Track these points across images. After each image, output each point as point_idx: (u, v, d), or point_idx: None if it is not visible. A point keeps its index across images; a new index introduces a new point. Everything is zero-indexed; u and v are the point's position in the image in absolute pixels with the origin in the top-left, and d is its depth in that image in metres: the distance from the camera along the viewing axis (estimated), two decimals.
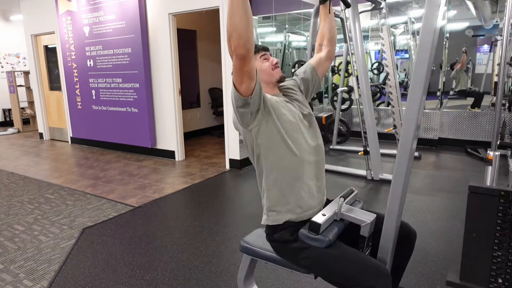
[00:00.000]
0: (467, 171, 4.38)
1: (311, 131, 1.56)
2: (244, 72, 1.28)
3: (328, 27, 1.71)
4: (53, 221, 3.23)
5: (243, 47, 1.22)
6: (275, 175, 1.45)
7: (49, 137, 7.21)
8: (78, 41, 5.78)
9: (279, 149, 1.44)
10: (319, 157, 1.54)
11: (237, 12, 1.19)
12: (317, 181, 1.52)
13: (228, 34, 1.23)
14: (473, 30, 5.71)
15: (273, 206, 1.47)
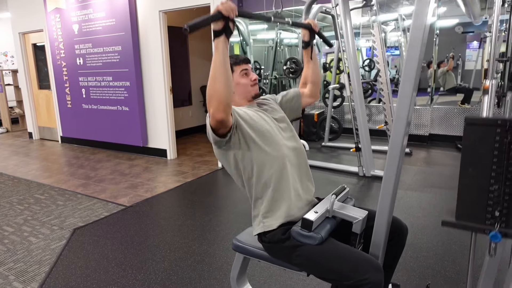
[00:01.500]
0: (458, 166, 4.41)
1: (288, 134, 1.58)
2: (221, 127, 1.33)
3: (311, 70, 1.78)
4: (43, 221, 3.19)
5: (223, 112, 1.25)
6: (261, 185, 1.46)
7: (39, 137, 7.11)
8: (67, 39, 5.70)
9: (258, 157, 1.45)
10: (301, 159, 1.55)
11: (219, 79, 1.23)
12: (302, 183, 1.53)
13: (208, 98, 1.26)
14: (462, 27, 5.77)
15: (265, 213, 1.47)
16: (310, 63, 1.77)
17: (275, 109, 1.65)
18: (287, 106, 1.74)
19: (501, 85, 4.94)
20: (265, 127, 1.49)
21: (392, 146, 1.30)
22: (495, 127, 1.12)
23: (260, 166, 1.45)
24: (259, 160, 1.45)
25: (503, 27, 4.82)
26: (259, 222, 1.49)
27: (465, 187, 1.24)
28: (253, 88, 1.59)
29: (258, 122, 1.49)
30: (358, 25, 6.58)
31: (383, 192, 1.36)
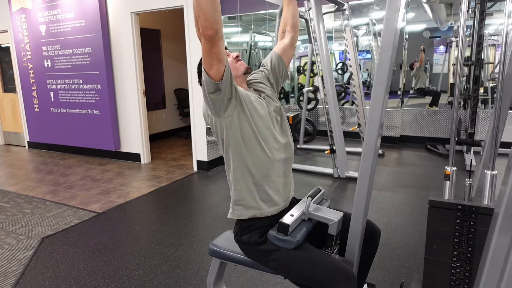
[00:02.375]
0: (428, 166, 4.57)
1: (282, 127, 1.55)
2: (213, 55, 1.25)
3: (291, 13, 1.70)
4: (8, 231, 3.04)
5: (210, 28, 1.19)
6: (243, 169, 1.44)
7: (4, 142, 6.80)
8: (34, 40, 5.49)
9: (249, 144, 1.42)
10: (288, 154, 1.53)
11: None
12: (285, 178, 1.52)
13: (195, 15, 1.20)
14: (430, 32, 5.98)
15: (239, 200, 1.46)
16: (290, 4, 1.69)
17: (271, 97, 1.60)
18: (275, 75, 1.68)
19: (466, 88, 5.15)
20: (264, 116, 1.47)
21: (366, 148, 1.33)
22: (456, 211, 1.22)
23: (248, 153, 1.42)
24: (249, 147, 1.42)
25: (467, 32, 5.03)
26: (231, 207, 1.48)
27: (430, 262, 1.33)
28: (240, 64, 1.54)
29: (259, 107, 1.47)
30: (331, 29, 6.69)
31: (358, 193, 1.38)
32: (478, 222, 1.22)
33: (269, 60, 1.69)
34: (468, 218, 1.23)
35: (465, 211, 1.23)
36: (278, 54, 1.69)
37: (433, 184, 3.88)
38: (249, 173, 1.43)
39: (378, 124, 1.29)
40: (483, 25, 4.23)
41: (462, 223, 1.23)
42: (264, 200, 1.45)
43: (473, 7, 4.65)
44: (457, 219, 1.24)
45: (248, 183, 1.44)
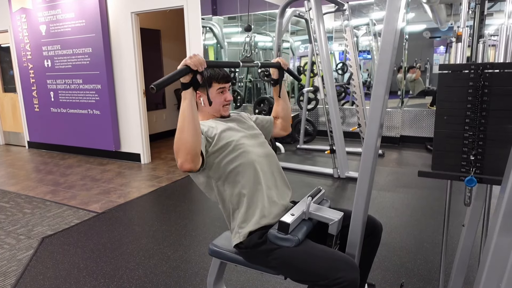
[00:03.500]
0: (428, 167, 4.56)
1: (258, 141, 1.59)
2: (192, 170, 1.32)
3: (280, 107, 1.81)
4: (8, 231, 3.04)
5: (191, 162, 1.25)
6: (236, 194, 1.46)
7: (4, 142, 6.80)
8: (34, 40, 5.49)
9: (231, 167, 1.45)
10: (272, 165, 1.56)
11: (187, 128, 1.23)
12: (277, 190, 1.53)
13: (176, 149, 1.25)
14: (430, 32, 5.98)
15: (241, 223, 1.47)
16: (279, 100, 1.79)
17: (247, 123, 1.66)
18: (260, 127, 1.75)
19: None
20: (232, 136, 1.49)
21: (366, 148, 1.32)
22: (468, 72, 1.13)
23: (232, 177, 1.46)
24: (233, 171, 1.45)
25: (467, 32, 5.02)
26: (235, 233, 1.48)
27: (440, 136, 1.23)
28: (224, 109, 1.59)
29: (225, 132, 1.49)
30: (331, 29, 6.70)
31: (358, 193, 1.38)
32: (493, 81, 1.11)
33: (262, 117, 1.81)
34: (482, 78, 1.11)
35: (479, 70, 1.12)
36: (272, 120, 1.82)
37: (433, 184, 3.88)
38: (241, 195, 1.46)
39: (378, 124, 1.29)
40: (483, 25, 4.23)
41: (475, 85, 1.13)
42: (263, 215, 1.46)
43: (473, 7, 4.65)
44: (470, 82, 1.13)
45: (244, 205, 1.46)
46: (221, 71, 1.56)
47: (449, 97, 1.17)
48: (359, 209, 1.39)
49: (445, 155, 1.24)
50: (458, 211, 2.81)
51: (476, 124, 1.15)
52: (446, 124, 1.19)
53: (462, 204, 1.46)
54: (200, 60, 1.23)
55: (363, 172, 1.35)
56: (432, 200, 3.41)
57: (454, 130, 1.19)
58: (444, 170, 1.23)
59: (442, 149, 1.25)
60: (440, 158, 1.25)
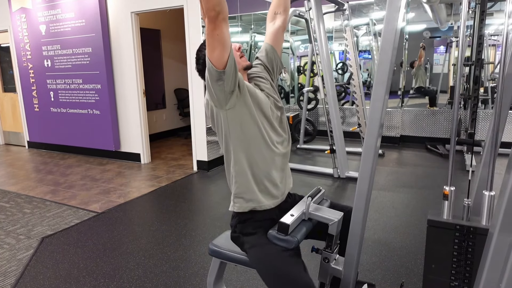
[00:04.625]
0: (428, 166, 4.57)
1: (282, 123, 1.56)
2: (215, 37, 1.24)
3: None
4: (8, 231, 3.04)
5: (212, 10, 1.19)
6: (245, 163, 1.44)
7: (4, 142, 6.80)
8: (34, 40, 5.49)
9: (251, 138, 1.42)
10: (287, 149, 1.56)
11: None
12: (282, 172, 1.53)
13: None
14: (430, 32, 5.98)
15: (240, 193, 1.47)
16: None
17: (273, 93, 1.58)
18: (272, 68, 1.67)
19: (466, 88, 5.15)
20: (267, 110, 1.46)
21: (366, 148, 1.32)
22: (454, 231, 1.23)
23: (248, 146, 1.42)
24: (250, 140, 1.42)
25: (467, 32, 5.03)
26: (232, 199, 1.50)
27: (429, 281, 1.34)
28: (242, 60, 1.50)
29: (263, 101, 1.46)
30: (331, 29, 6.69)
31: (358, 193, 1.38)
32: (476, 242, 1.24)
33: (265, 54, 1.67)
34: (466, 238, 1.25)
35: (463, 231, 1.25)
36: (271, 45, 1.67)
37: (433, 184, 3.88)
38: (250, 167, 1.44)
39: (378, 124, 1.29)
40: (483, 25, 4.23)
41: (460, 243, 1.25)
42: (264, 193, 1.46)
43: (473, 7, 4.64)
44: (455, 239, 1.26)
45: (248, 176, 1.45)
46: None
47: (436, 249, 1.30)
48: (359, 209, 1.39)
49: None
50: None
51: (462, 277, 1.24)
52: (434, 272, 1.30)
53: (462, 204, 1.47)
54: None
55: (363, 172, 1.35)
56: (432, 200, 3.41)
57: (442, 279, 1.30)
58: None
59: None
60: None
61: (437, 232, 1.30)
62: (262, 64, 1.66)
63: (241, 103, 1.39)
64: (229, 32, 1.29)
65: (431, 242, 1.32)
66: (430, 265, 1.32)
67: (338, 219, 1.39)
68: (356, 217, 1.40)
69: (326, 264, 1.47)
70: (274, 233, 1.37)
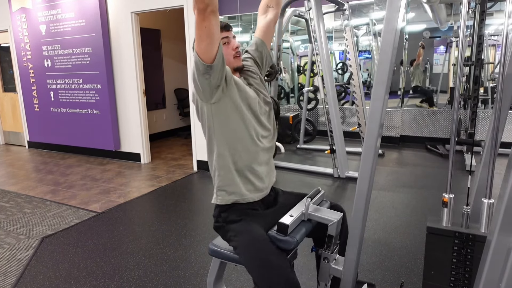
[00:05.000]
0: (428, 166, 4.57)
1: (269, 118, 1.56)
2: (203, 29, 1.23)
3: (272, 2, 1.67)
4: (8, 231, 3.04)
5: (201, 1, 1.18)
6: (227, 156, 1.44)
7: (4, 142, 6.80)
8: (34, 40, 5.49)
9: (236, 130, 1.42)
10: (272, 143, 1.56)
11: None
12: (266, 166, 1.53)
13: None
14: (430, 32, 5.98)
15: (223, 186, 1.47)
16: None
17: (262, 88, 1.58)
18: (261, 63, 1.67)
19: (466, 88, 5.15)
20: (254, 105, 1.46)
21: (366, 148, 1.32)
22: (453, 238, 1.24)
23: (233, 139, 1.42)
24: (235, 134, 1.42)
25: (467, 32, 5.03)
26: (214, 192, 1.50)
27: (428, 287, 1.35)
28: (236, 60, 1.48)
29: (251, 96, 1.46)
30: (331, 29, 6.69)
31: (358, 193, 1.38)
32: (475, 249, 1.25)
33: (255, 48, 1.66)
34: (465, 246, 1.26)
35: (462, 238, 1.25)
36: (261, 40, 1.66)
37: (433, 184, 3.88)
38: (233, 160, 1.44)
39: (378, 124, 1.29)
40: (483, 25, 4.23)
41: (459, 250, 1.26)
42: (247, 187, 1.47)
43: (473, 7, 4.64)
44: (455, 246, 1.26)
45: (231, 169, 1.45)
46: None
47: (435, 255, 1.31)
48: (359, 209, 1.39)
49: None
50: None
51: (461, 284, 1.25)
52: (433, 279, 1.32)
53: (462, 204, 1.47)
54: None
55: (363, 172, 1.35)
56: (432, 200, 3.41)
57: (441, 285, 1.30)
58: None
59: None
60: None
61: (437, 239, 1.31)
62: (252, 58, 1.65)
63: (227, 98, 1.38)
64: (219, 27, 1.27)
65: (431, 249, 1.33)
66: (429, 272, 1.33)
67: (337, 220, 1.39)
68: (356, 217, 1.40)
69: (326, 264, 1.47)
70: (273, 234, 1.37)
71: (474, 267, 1.24)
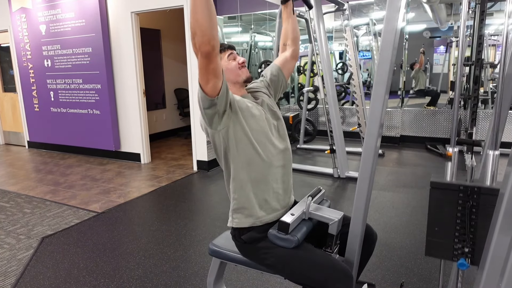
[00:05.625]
0: (428, 166, 4.57)
1: (279, 133, 1.54)
2: (210, 71, 1.23)
3: (291, 27, 1.70)
4: (8, 231, 3.04)
5: (208, 44, 1.17)
6: (241, 178, 1.43)
7: (4, 142, 6.80)
8: (34, 40, 5.49)
9: (246, 152, 1.41)
10: (286, 160, 1.52)
11: (200, 8, 1.15)
12: (283, 184, 1.51)
13: (192, 31, 1.18)
14: (430, 32, 5.98)
15: (238, 209, 1.45)
16: (290, 18, 1.69)
17: (270, 105, 1.58)
18: (274, 87, 1.69)
19: (466, 88, 5.15)
20: (261, 122, 1.45)
21: (366, 148, 1.32)
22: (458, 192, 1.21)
23: (245, 161, 1.42)
24: (246, 156, 1.41)
25: (467, 32, 5.03)
26: (230, 215, 1.48)
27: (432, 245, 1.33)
28: (242, 71, 1.53)
29: (255, 114, 1.45)
30: (331, 29, 6.69)
31: (358, 193, 1.38)
32: (480, 202, 1.20)
33: (269, 72, 1.69)
34: (471, 199, 1.20)
35: (467, 191, 1.20)
36: (278, 66, 1.69)
37: None
38: (247, 182, 1.43)
39: (378, 124, 1.29)
40: (483, 25, 4.23)
41: (464, 204, 1.21)
42: (263, 208, 1.44)
43: (473, 7, 4.64)
44: (459, 200, 1.21)
45: (247, 191, 1.43)
46: (222, 43, 1.53)
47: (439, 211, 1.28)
48: (359, 209, 1.39)
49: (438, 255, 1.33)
50: None
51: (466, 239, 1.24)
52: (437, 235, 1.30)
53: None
54: None
55: (363, 172, 1.35)
56: None
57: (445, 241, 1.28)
58: None
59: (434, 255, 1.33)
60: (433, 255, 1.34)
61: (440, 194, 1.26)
62: (263, 81, 1.68)
63: (234, 121, 1.39)
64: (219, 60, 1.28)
65: (434, 205, 1.28)
66: (433, 229, 1.29)
67: (338, 219, 1.39)
68: (356, 217, 1.40)
69: None
70: (274, 232, 1.37)
71: (479, 221, 1.21)
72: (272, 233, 1.37)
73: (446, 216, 1.25)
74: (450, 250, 1.24)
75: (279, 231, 1.36)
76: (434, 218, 1.28)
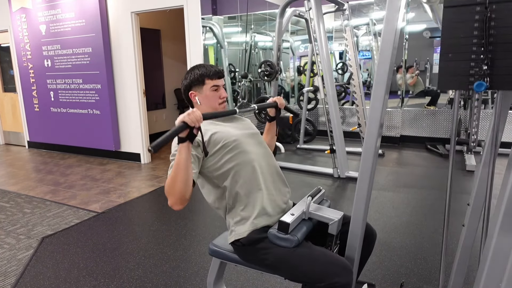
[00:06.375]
0: (428, 166, 4.57)
1: (256, 140, 1.58)
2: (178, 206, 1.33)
3: (269, 138, 1.79)
4: (8, 231, 3.04)
5: (180, 205, 1.29)
6: (234, 195, 1.45)
7: (4, 142, 6.80)
8: (34, 40, 5.49)
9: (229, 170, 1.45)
10: (271, 165, 1.55)
11: (180, 180, 1.25)
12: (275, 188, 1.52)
13: (167, 192, 1.28)
14: (430, 32, 5.98)
15: (236, 222, 1.46)
16: (273, 139, 1.79)
17: (245, 122, 1.66)
18: None
19: None
20: (231, 134, 1.48)
21: (366, 148, 1.32)
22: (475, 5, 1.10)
23: (230, 176, 1.45)
24: (229, 171, 1.45)
25: None
26: (231, 231, 1.48)
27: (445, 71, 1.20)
28: (220, 107, 1.57)
29: (224, 132, 1.48)
30: (331, 29, 6.69)
31: (358, 193, 1.38)
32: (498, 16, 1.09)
33: None
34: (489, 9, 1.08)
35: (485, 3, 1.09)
36: None
37: (433, 184, 3.88)
38: (238, 195, 1.45)
39: (378, 124, 1.29)
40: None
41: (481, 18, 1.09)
42: (261, 215, 1.45)
43: None
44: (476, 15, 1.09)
45: (241, 204, 1.45)
46: (212, 68, 1.55)
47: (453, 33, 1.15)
48: (359, 209, 1.39)
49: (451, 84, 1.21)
50: (458, 211, 2.81)
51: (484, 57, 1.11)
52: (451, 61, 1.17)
53: (462, 204, 1.47)
54: (197, 116, 1.22)
55: (363, 172, 1.35)
56: (432, 200, 3.41)
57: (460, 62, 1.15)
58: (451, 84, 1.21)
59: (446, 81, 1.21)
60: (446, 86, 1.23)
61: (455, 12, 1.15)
62: None
63: (211, 156, 1.45)
64: None
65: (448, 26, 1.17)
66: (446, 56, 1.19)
67: (338, 219, 1.39)
68: (356, 217, 1.40)
69: None
70: (274, 232, 1.37)
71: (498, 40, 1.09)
72: (272, 233, 1.37)
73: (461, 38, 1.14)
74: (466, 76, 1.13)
75: (279, 231, 1.36)
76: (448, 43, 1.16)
